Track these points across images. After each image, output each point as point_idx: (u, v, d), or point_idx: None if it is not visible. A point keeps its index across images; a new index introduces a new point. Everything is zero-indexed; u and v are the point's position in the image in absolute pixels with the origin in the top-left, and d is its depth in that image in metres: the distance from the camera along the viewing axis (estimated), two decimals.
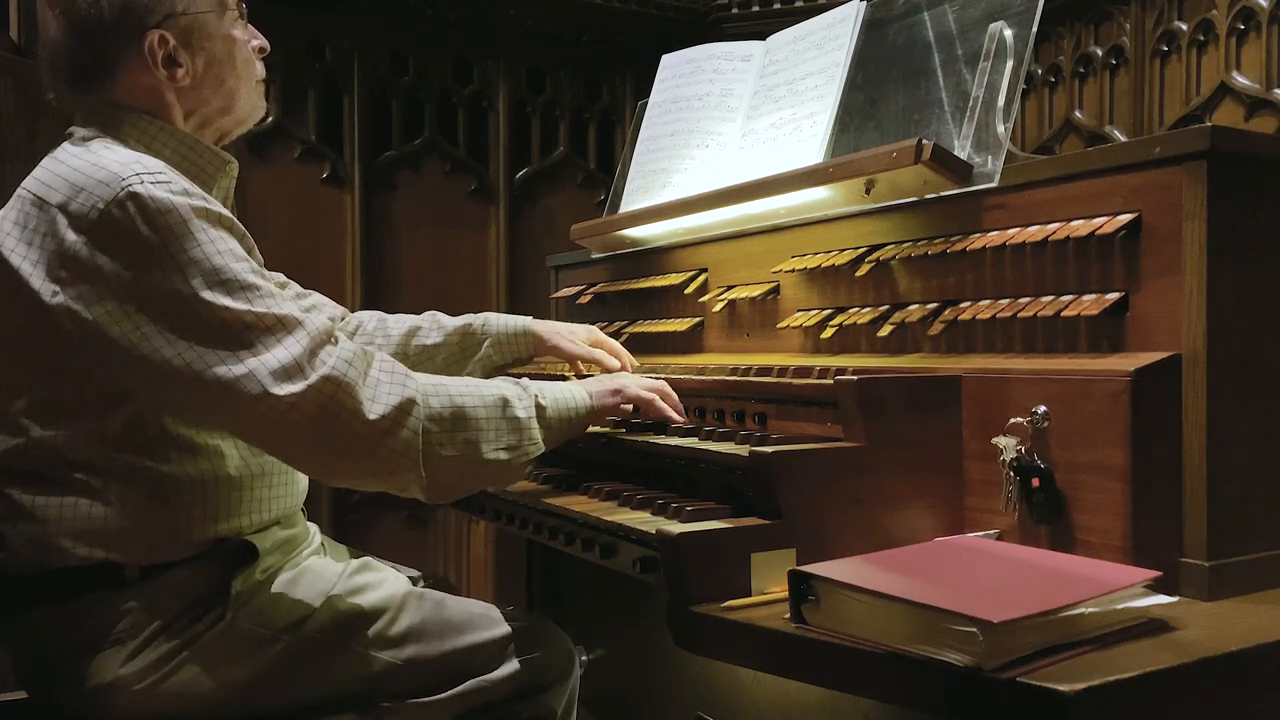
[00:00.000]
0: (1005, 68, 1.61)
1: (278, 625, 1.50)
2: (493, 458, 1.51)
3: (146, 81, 1.51)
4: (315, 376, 1.35)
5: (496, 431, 1.51)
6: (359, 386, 1.38)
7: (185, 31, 1.52)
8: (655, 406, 1.73)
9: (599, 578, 2.46)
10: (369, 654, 1.54)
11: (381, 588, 1.61)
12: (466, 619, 1.63)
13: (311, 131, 3.45)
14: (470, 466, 1.49)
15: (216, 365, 1.33)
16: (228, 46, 1.57)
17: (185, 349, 1.34)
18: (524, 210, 3.78)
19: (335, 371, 1.36)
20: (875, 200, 1.74)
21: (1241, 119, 2.88)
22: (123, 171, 1.37)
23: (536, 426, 1.57)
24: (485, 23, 3.64)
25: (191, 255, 1.35)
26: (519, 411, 1.54)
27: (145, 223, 1.34)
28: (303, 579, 1.56)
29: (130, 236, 1.34)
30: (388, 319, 2.10)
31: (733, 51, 2.27)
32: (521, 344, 2.09)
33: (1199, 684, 1.06)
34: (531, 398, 1.58)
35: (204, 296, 1.34)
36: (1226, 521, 1.29)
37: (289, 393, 1.33)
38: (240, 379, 1.33)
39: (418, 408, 1.43)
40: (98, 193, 1.35)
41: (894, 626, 1.11)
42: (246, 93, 1.62)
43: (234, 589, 1.47)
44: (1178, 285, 1.31)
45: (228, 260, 1.37)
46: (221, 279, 1.36)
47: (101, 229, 1.34)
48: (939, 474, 1.45)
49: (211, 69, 1.55)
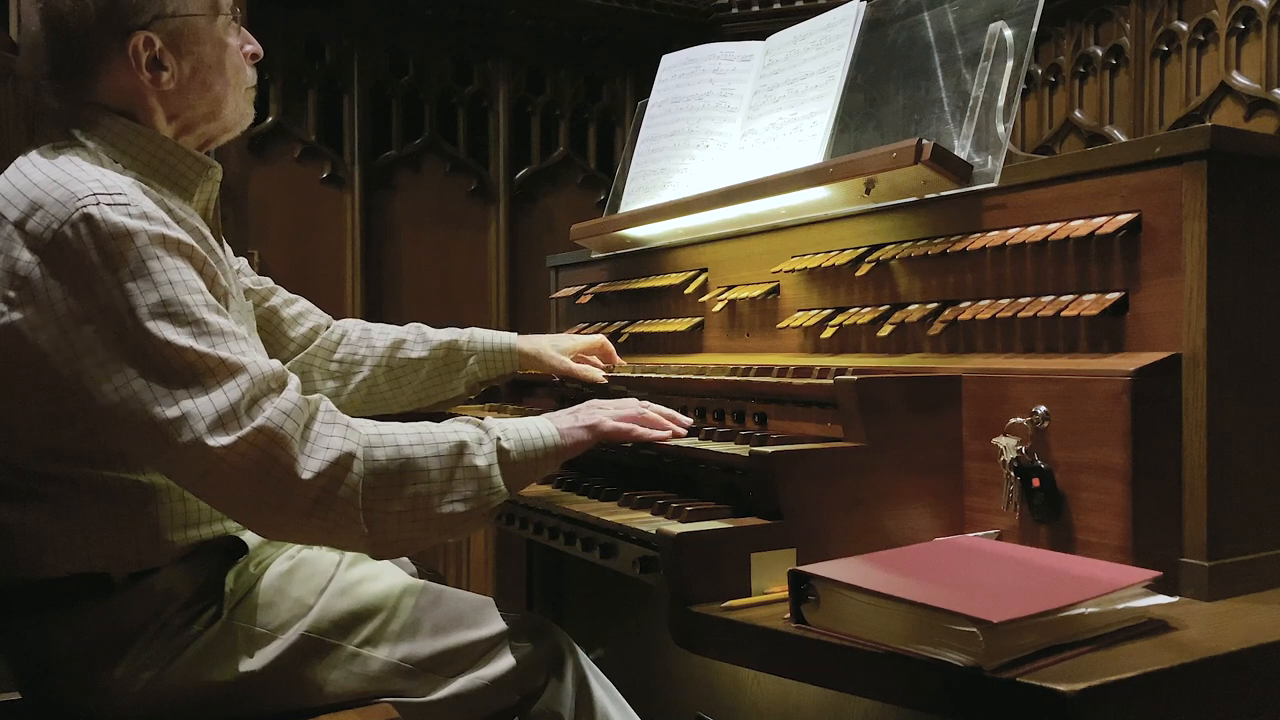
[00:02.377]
0: (1005, 68, 1.61)
1: (274, 623, 1.49)
2: (448, 510, 1.41)
3: (128, 83, 1.45)
4: (248, 428, 1.28)
5: (451, 482, 1.42)
6: (293, 441, 1.30)
7: (174, 34, 1.46)
8: (635, 435, 1.63)
9: (599, 578, 2.46)
10: (366, 650, 1.53)
11: (379, 581, 1.60)
12: (463, 613, 1.62)
13: (311, 131, 3.45)
14: (422, 522, 1.40)
15: (152, 405, 1.27)
16: (218, 52, 1.51)
17: (123, 384, 1.28)
18: (524, 210, 3.78)
19: (271, 423, 1.29)
20: (875, 200, 1.74)
21: (1241, 119, 2.88)
22: (80, 191, 1.31)
23: (498, 474, 1.46)
24: (485, 23, 3.64)
25: (140, 285, 1.29)
26: (478, 460, 1.44)
27: (96, 247, 1.28)
28: (298, 572, 1.54)
29: (80, 260, 1.28)
30: (372, 329, 2.08)
31: (733, 51, 2.27)
32: (506, 360, 2.09)
33: (1199, 684, 1.06)
34: (493, 442, 1.47)
35: (148, 327, 1.28)
36: (1226, 521, 1.29)
37: (220, 444, 1.27)
38: (173, 422, 1.27)
39: (357, 461, 1.34)
40: (54, 212, 1.30)
41: (894, 626, 1.11)
42: (234, 100, 1.56)
43: (228, 586, 1.46)
44: (1178, 285, 1.31)
45: (179, 292, 1.31)
46: (169, 311, 1.30)
47: (54, 250, 1.29)
48: (939, 474, 1.45)
49: (199, 74, 1.50)
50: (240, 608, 1.48)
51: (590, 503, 1.67)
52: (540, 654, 1.66)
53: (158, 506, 1.43)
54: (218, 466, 1.28)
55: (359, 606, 1.54)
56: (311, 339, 2.02)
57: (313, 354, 2.01)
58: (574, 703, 1.68)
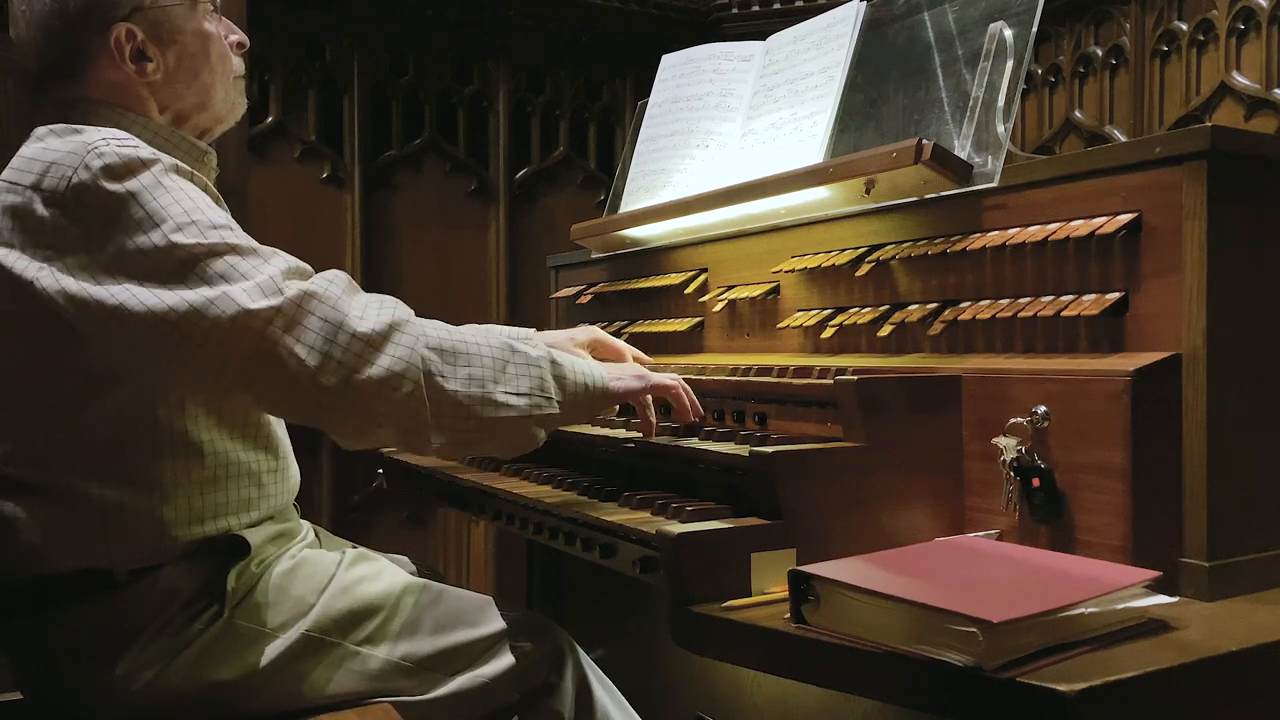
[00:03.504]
0: (1005, 68, 1.61)
1: (275, 622, 1.49)
2: (505, 400, 1.38)
3: (116, 77, 1.48)
4: (294, 290, 1.29)
5: (504, 372, 1.39)
6: (341, 299, 1.30)
7: (154, 25, 1.48)
8: (680, 394, 1.63)
9: (599, 578, 2.46)
10: (366, 649, 1.53)
11: (379, 580, 1.60)
12: (463, 612, 1.62)
13: (311, 131, 3.45)
14: (480, 406, 1.36)
15: (191, 296, 1.27)
16: (200, 40, 1.53)
17: (163, 292, 1.28)
18: (524, 210, 3.78)
19: (314, 286, 1.30)
20: (875, 200, 1.74)
21: (1241, 119, 2.88)
22: (91, 139, 1.35)
23: (551, 379, 1.44)
24: (485, 23, 3.64)
25: (162, 203, 1.32)
26: (531, 354, 1.43)
27: (111, 179, 1.31)
28: (299, 572, 1.55)
29: (98, 195, 1.31)
30: None
31: (733, 51, 2.27)
32: None
33: (1199, 684, 1.06)
34: (545, 351, 1.47)
35: (174, 239, 1.30)
36: (1226, 521, 1.29)
37: (265, 305, 1.26)
38: (215, 302, 1.27)
39: (411, 325, 1.33)
40: (67, 163, 1.33)
41: (894, 626, 1.11)
42: (223, 88, 1.58)
43: (230, 585, 1.46)
44: (1178, 285, 1.31)
45: (199, 204, 1.34)
46: (192, 219, 1.32)
47: (72, 197, 1.32)
48: (939, 474, 1.45)
49: (184, 63, 1.52)
50: (242, 606, 1.48)
51: (590, 503, 1.67)
52: (541, 653, 1.66)
53: (162, 501, 1.43)
54: (264, 334, 1.26)
55: (359, 605, 1.55)
56: None
57: None
58: (574, 702, 1.68)
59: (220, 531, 1.49)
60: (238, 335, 1.27)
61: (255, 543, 1.51)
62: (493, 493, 1.91)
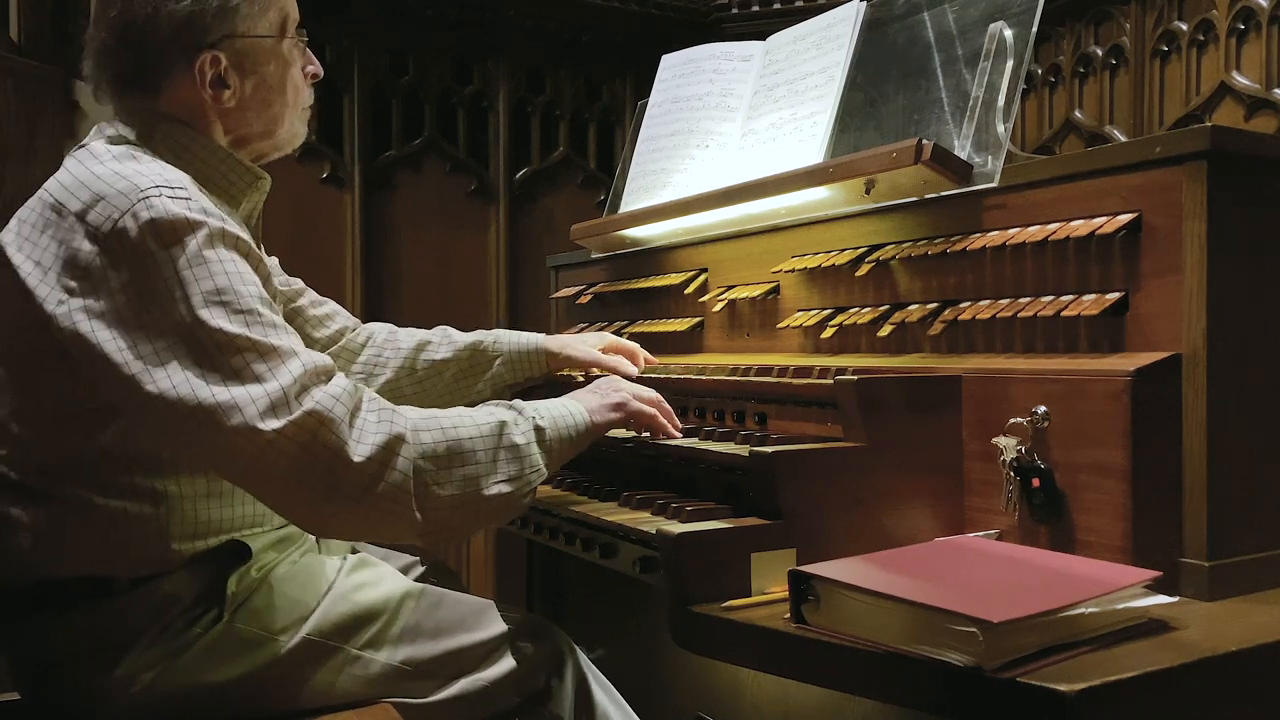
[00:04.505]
0: (1005, 68, 1.61)
1: (275, 627, 1.49)
2: (494, 492, 1.41)
3: (191, 97, 1.48)
4: (299, 412, 1.28)
5: (496, 462, 1.42)
6: (343, 425, 1.30)
7: (240, 54, 1.49)
8: (658, 423, 1.66)
9: (599, 578, 2.46)
10: (367, 655, 1.53)
11: (379, 586, 1.60)
12: (463, 617, 1.63)
13: (311, 131, 3.42)
14: (471, 504, 1.40)
15: (203, 390, 1.27)
16: (281, 72, 1.54)
17: (175, 371, 1.28)
18: (524, 210, 3.78)
19: (320, 407, 1.29)
20: (875, 200, 1.74)
21: (1241, 119, 2.88)
22: (143, 184, 1.34)
23: (538, 452, 1.47)
24: (485, 23, 3.64)
25: (196, 273, 1.31)
26: (517, 438, 1.45)
27: (155, 236, 1.31)
28: (299, 577, 1.55)
29: (139, 249, 1.31)
30: (398, 331, 2.08)
31: (732, 51, 2.27)
32: (534, 362, 2.05)
33: (1199, 684, 1.06)
34: (529, 421, 1.49)
35: (201, 315, 1.29)
36: (1226, 521, 1.29)
37: (271, 428, 1.26)
38: (223, 407, 1.26)
39: (406, 445, 1.34)
40: (116, 203, 1.32)
41: (894, 626, 1.11)
42: (290, 120, 1.59)
43: (230, 589, 1.47)
44: (1178, 285, 1.31)
45: (234, 282, 1.33)
46: (223, 299, 1.31)
47: (114, 240, 1.31)
48: (939, 474, 1.45)
49: (259, 93, 1.53)
50: (242, 610, 1.48)
51: (590, 503, 1.68)
52: (541, 656, 1.66)
53: (168, 514, 1.43)
54: (266, 452, 1.27)
55: (360, 610, 1.55)
56: (337, 340, 2.02)
57: (337, 355, 2.00)
58: (574, 704, 1.68)
59: (223, 543, 1.49)
60: (238, 447, 1.27)
61: (256, 548, 1.51)
62: None
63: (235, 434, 1.26)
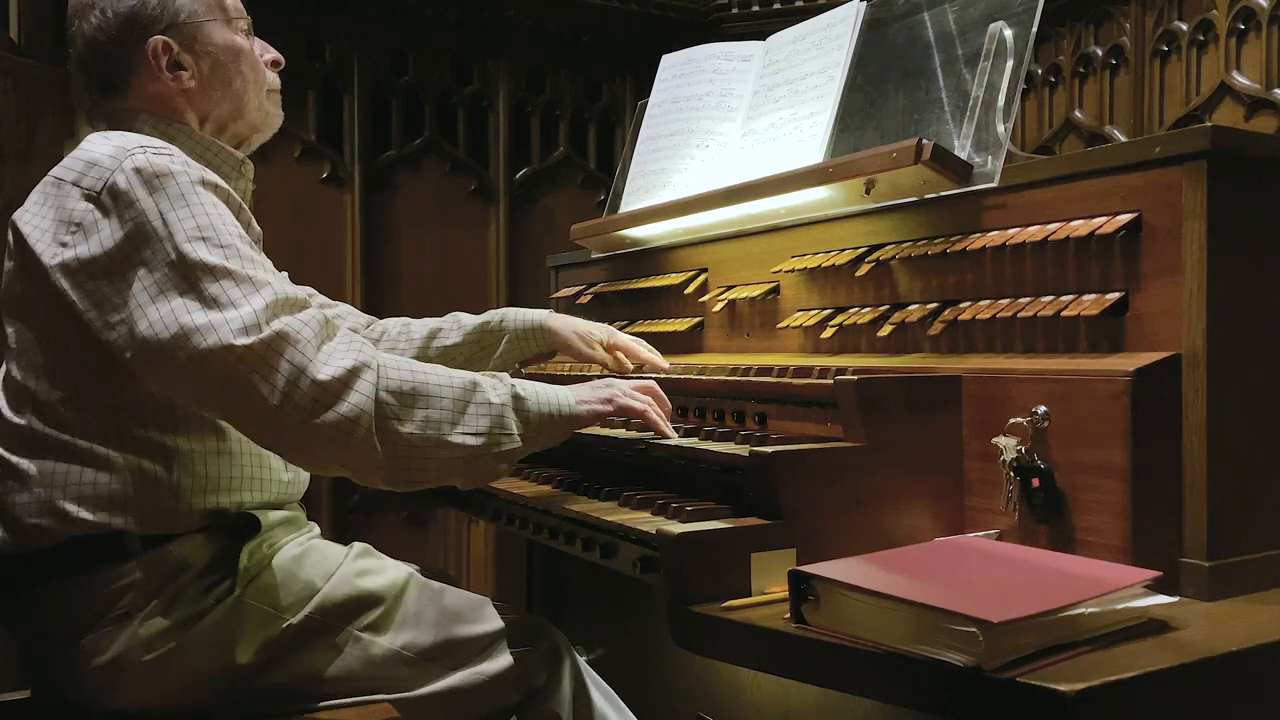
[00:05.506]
0: (1005, 68, 1.61)
1: (283, 604, 1.53)
2: (459, 441, 1.44)
3: (156, 88, 1.58)
4: (268, 331, 1.35)
5: (464, 413, 1.45)
6: (309, 345, 1.37)
7: (188, 37, 1.59)
8: (649, 417, 1.66)
9: (599, 578, 2.46)
10: (369, 636, 1.57)
11: (383, 574, 1.64)
12: (463, 610, 1.66)
13: (311, 131, 3.45)
14: (433, 448, 1.42)
15: (183, 315, 1.35)
16: (232, 52, 1.63)
17: (163, 305, 1.36)
18: (524, 210, 3.78)
19: (288, 328, 1.36)
20: (875, 200, 1.74)
21: (1241, 119, 2.88)
22: (130, 145, 1.45)
23: (512, 416, 1.49)
24: (485, 23, 3.64)
25: (179, 213, 1.40)
26: (491, 396, 1.48)
27: (142, 184, 1.40)
28: (309, 558, 1.60)
29: (128, 198, 1.40)
30: (411, 323, 2.11)
31: (732, 51, 2.27)
32: (538, 339, 2.07)
33: (1199, 684, 1.06)
34: (509, 388, 1.51)
35: (184, 249, 1.38)
36: (1226, 521, 1.29)
37: (241, 343, 1.34)
38: (200, 329, 1.34)
39: (370, 373, 1.39)
40: (106, 164, 1.43)
41: (894, 626, 1.11)
42: (256, 96, 1.68)
43: (243, 562, 1.50)
44: (1178, 285, 1.31)
45: (214, 220, 1.41)
46: (203, 235, 1.39)
47: (105, 195, 1.41)
48: (939, 474, 1.45)
49: (218, 72, 1.62)
50: (252, 586, 1.52)
51: (590, 503, 1.67)
52: (538, 654, 1.67)
53: (179, 468, 1.49)
54: (237, 368, 1.34)
55: (364, 594, 1.59)
56: None
57: None
58: (571, 704, 1.69)
59: (234, 505, 1.54)
60: (214, 364, 1.34)
61: (266, 523, 1.55)
62: (493, 492, 1.91)
63: (209, 354, 1.34)
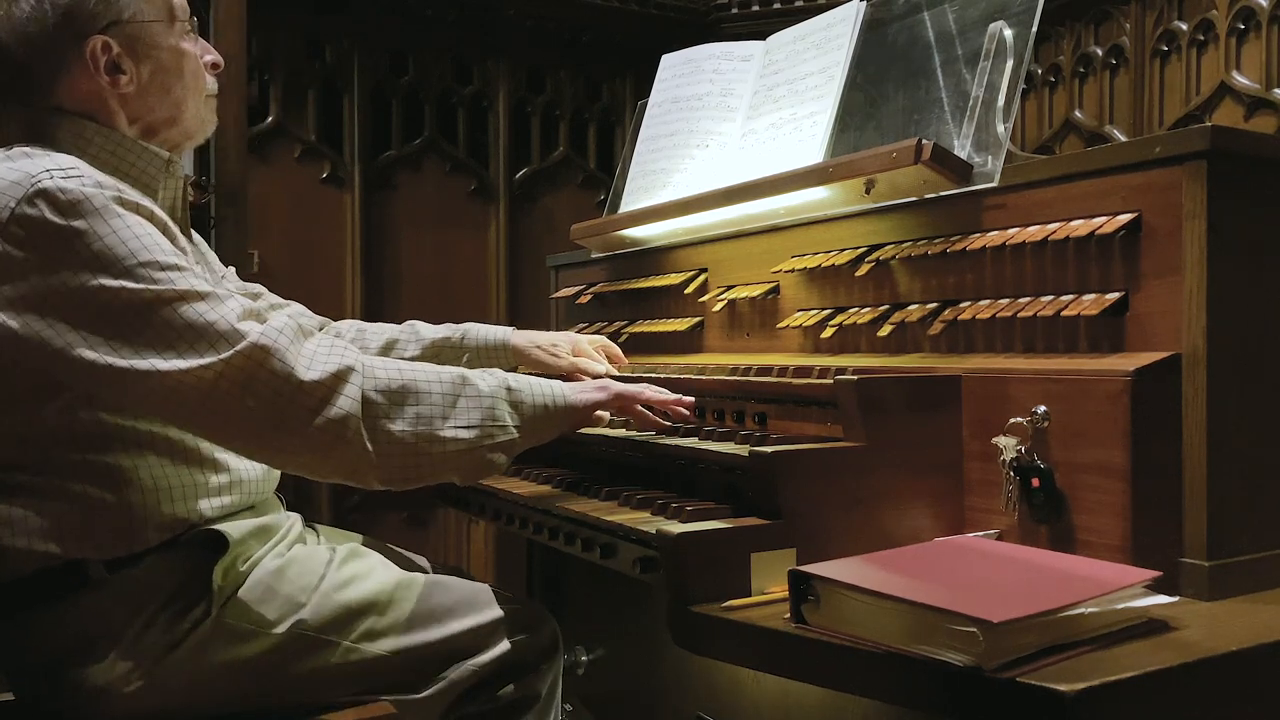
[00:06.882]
0: (1005, 68, 1.61)
1: (266, 621, 1.47)
2: (451, 435, 1.41)
3: (89, 88, 1.48)
4: (243, 343, 1.31)
5: (454, 407, 1.42)
6: (288, 352, 1.33)
7: (130, 39, 1.49)
8: (646, 395, 1.65)
9: (599, 578, 2.46)
10: (360, 647, 1.52)
11: (370, 578, 1.59)
12: (456, 604, 1.62)
13: (311, 131, 3.44)
14: (426, 444, 1.40)
15: (138, 348, 1.29)
16: (175, 57, 1.54)
17: (101, 342, 1.30)
18: (524, 210, 3.78)
19: (264, 338, 1.32)
20: (875, 200, 1.74)
21: (1241, 119, 2.88)
22: (34, 169, 1.34)
23: (505, 408, 1.47)
24: (485, 23, 3.64)
25: (106, 241, 1.32)
26: (481, 387, 1.45)
27: (55, 213, 1.31)
28: (289, 571, 1.53)
29: (40, 229, 1.31)
30: (367, 329, 2.07)
31: (732, 51, 2.27)
32: (501, 356, 2.06)
33: (1199, 684, 1.06)
34: (500, 380, 1.49)
35: (118, 284, 1.30)
36: (1226, 521, 1.29)
37: (214, 360, 1.29)
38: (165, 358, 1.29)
39: (357, 374, 1.35)
40: (10, 193, 1.33)
41: (894, 626, 1.11)
42: (194, 105, 1.59)
43: (216, 582, 1.44)
44: (1178, 285, 1.31)
45: (145, 243, 1.34)
46: (140, 260, 1.32)
47: (14, 227, 1.31)
48: (939, 474, 1.45)
49: (157, 77, 1.52)
50: (230, 605, 1.46)
51: (590, 503, 1.67)
52: (533, 641, 1.67)
53: (126, 487, 1.42)
54: (216, 386, 1.30)
55: (353, 603, 1.54)
56: None
57: None
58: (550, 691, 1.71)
59: (194, 517, 1.47)
60: (188, 389, 1.30)
61: (235, 537, 1.47)
62: (493, 492, 1.91)
63: (182, 377, 1.29)
